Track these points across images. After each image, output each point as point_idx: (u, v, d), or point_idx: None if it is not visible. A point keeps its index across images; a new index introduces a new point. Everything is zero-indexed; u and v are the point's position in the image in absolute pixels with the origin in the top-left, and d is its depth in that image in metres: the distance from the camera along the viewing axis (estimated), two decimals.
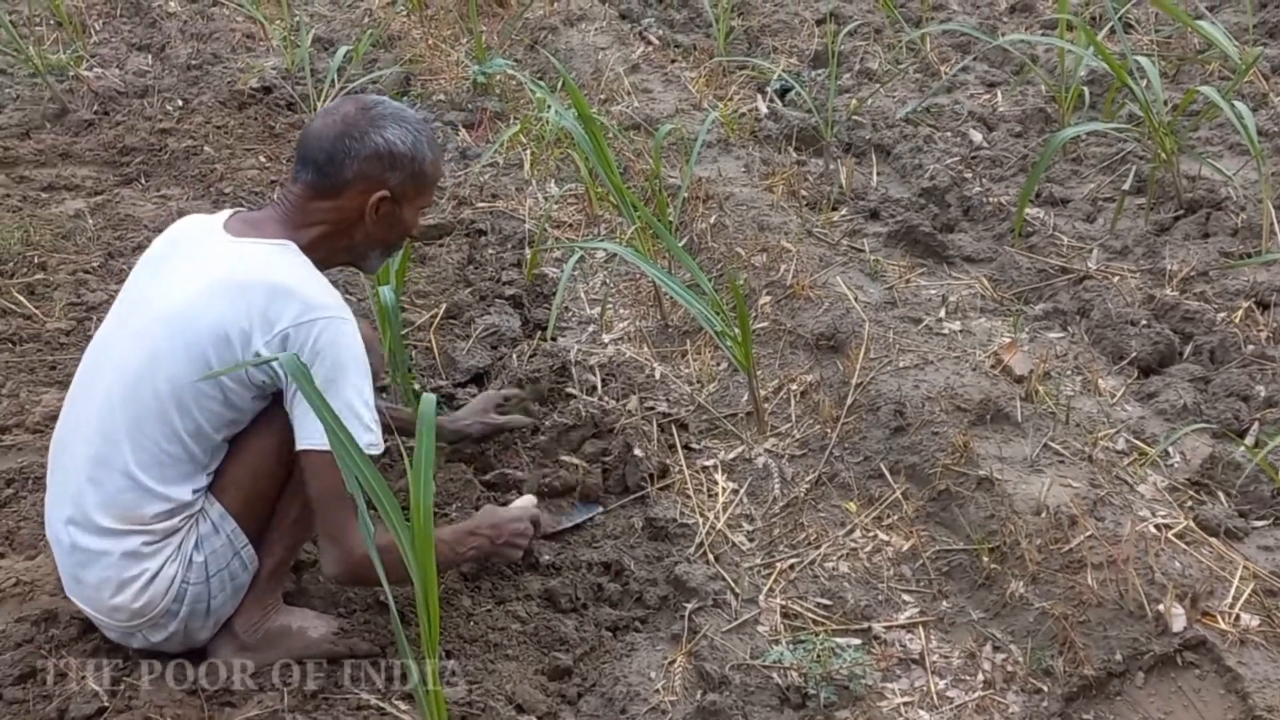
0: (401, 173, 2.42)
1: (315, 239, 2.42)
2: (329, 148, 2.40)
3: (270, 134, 5.08)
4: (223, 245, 2.38)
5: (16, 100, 5.33)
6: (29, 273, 4.00)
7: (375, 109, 2.44)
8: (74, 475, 2.34)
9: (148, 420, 2.29)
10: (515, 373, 3.36)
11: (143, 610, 2.33)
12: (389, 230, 2.49)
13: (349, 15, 6.37)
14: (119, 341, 2.39)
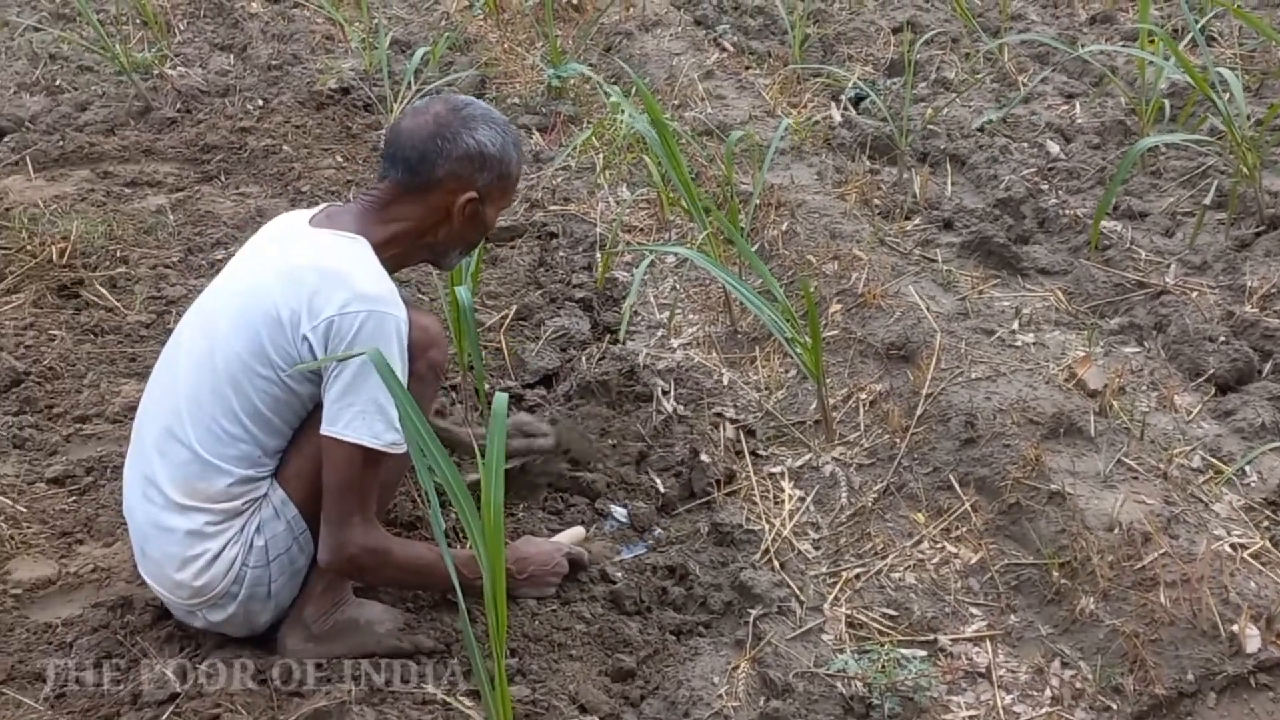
0: (490, 174, 2.45)
1: (394, 235, 2.45)
2: (421, 147, 2.42)
3: (347, 134, 5.15)
4: (298, 235, 2.45)
5: (103, 97, 5.45)
6: (111, 266, 4.09)
7: (466, 109, 2.47)
8: (147, 448, 2.42)
9: (206, 397, 2.35)
10: (584, 375, 3.38)
11: (203, 589, 2.39)
12: (472, 230, 2.52)
13: (426, 18, 6.43)
14: (193, 322, 2.49)
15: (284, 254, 2.40)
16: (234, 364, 2.33)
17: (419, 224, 2.46)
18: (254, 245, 2.56)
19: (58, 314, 3.85)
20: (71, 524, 2.96)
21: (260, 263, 2.44)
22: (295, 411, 2.39)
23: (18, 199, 4.53)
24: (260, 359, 2.32)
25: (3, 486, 3.03)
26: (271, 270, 2.37)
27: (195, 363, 2.38)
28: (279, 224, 2.58)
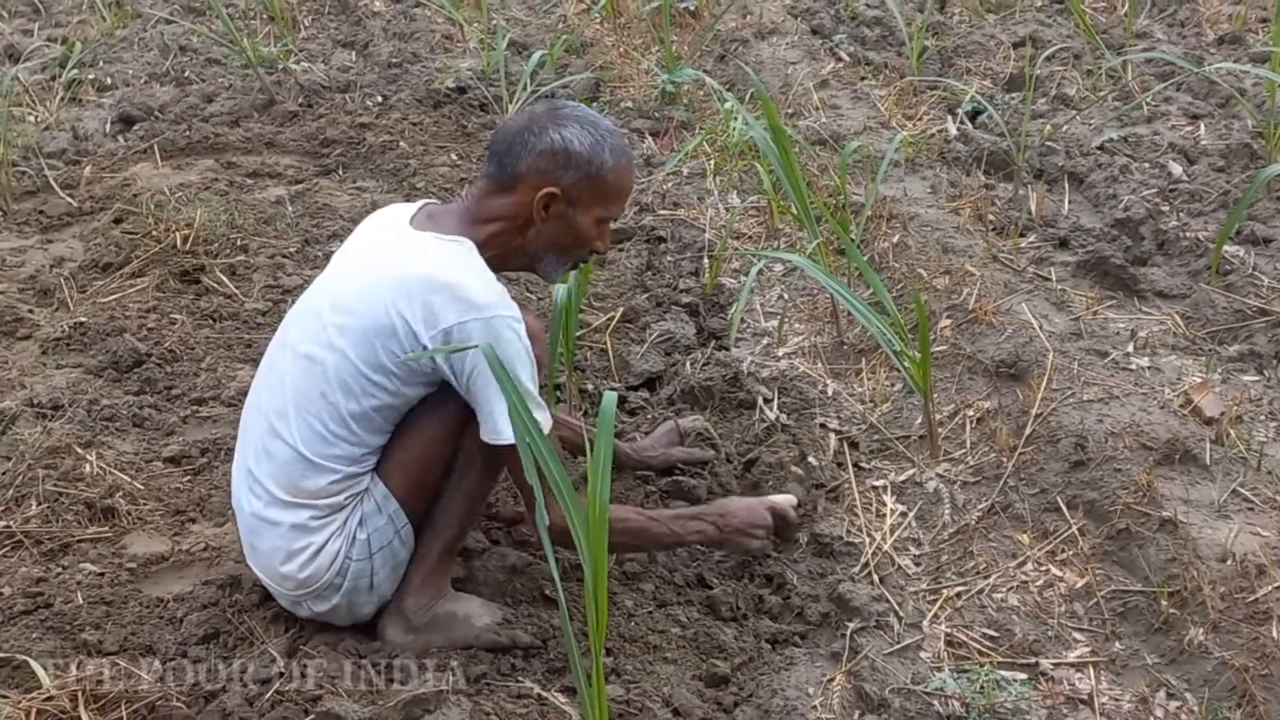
0: (575, 172, 2.41)
1: (490, 235, 2.45)
2: (509, 141, 2.44)
3: (463, 133, 5.22)
4: (402, 237, 2.46)
5: (229, 90, 5.59)
6: (231, 254, 4.20)
7: (563, 110, 2.47)
8: (253, 445, 2.48)
9: (314, 400, 2.39)
10: (688, 380, 3.39)
11: (308, 581, 2.44)
12: (561, 233, 2.47)
13: (544, 20, 6.50)
14: (300, 320, 2.52)
15: (394, 260, 2.40)
16: (346, 370, 2.36)
17: (509, 224, 2.45)
18: (357, 245, 2.59)
19: (179, 298, 3.97)
20: (185, 503, 3.05)
21: (370, 267, 2.45)
22: (399, 411, 2.44)
23: (145, 185, 4.67)
24: (373, 366, 2.35)
25: (122, 464, 3.12)
26: (385, 278, 2.37)
27: (303, 366, 2.42)
28: (380, 222, 2.60)
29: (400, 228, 2.47)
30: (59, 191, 4.66)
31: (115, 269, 4.11)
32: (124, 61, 5.99)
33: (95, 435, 3.23)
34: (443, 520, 2.50)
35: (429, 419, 2.42)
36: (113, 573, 2.77)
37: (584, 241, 2.50)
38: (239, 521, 2.54)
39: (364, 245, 2.56)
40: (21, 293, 4.02)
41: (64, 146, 5.07)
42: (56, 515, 2.93)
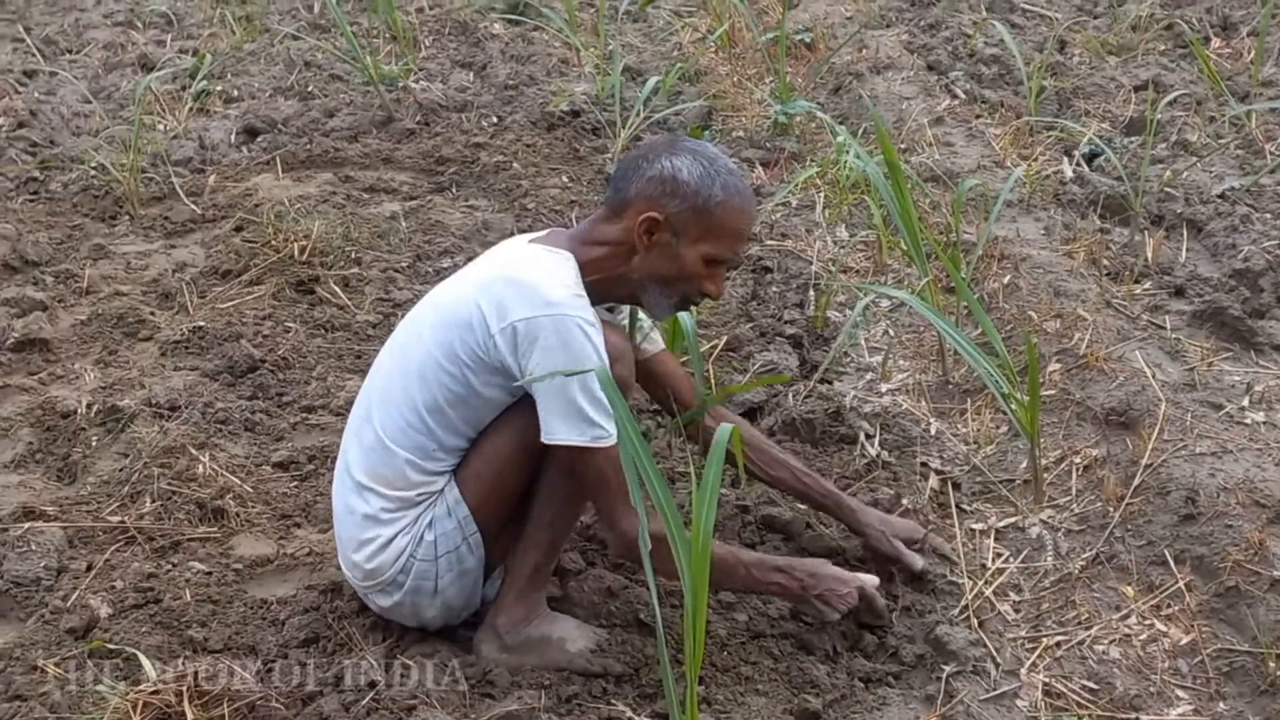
0: (681, 202, 2.40)
1: (596, 259, 2.47)
2: (625, 167, 2.48)
3: (575, 156, 5.28)
4: (511, 249, 2.55)
5: (349, 105, 5.72)
6: (345, 266, 4.29)
7: (682, 142, 2.49)
8: (350, 433, 2.58)
9: (397, 388, 2.47)
10: (789, 412, 3.38)
11: (373, 573, 2.50)
12: (664, 264, 2.45)
13: (660, 48, 6.55)
14: (404, 325, 2.63)
15: (490, 265, 2.50)
16: (426, 361, 2.43)
17: (615, 249, 2.46)
18: (475, 260, 2.67)
19: (294, 307, 4.06)
20: (292, 508, 3.12)
21: (470, 273, 2.54)
22: (476, 412, 2.46)
23: (266, 196, 4.80)
24: (449, 357, 2.40)
25: (233, 466, 3.21)
26: (474, 279, 2.46)
27: (395, 358, 2.53)
28: (504, 242, 2.68)
29: (517, 243, 2.57)
30: (184, 198, 4.80)
31: (234, 276, 4.23)
32: (251, 75, 6.17)
33: (209, 437, 3.32)
34: (533, 539, 2.52)
35: (509, 431, 2.45)
36: (220, 572, 2.84)
37: (688, 276, 2.47)
38: (333, 511, 2.62)
39: (479, 260, 2.64)
40: (144, 295, 4.15)
41: (191, 155, 5.22)
42: (169, 513, 3.02)
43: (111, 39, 6.59)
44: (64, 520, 2.99)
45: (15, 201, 4.78)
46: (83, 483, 3.18)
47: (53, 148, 5.27)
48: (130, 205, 4.75)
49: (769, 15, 6.80)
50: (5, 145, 5.20)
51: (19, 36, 6.59)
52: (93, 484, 3.15)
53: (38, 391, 3.60)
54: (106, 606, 2.68)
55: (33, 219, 4.64)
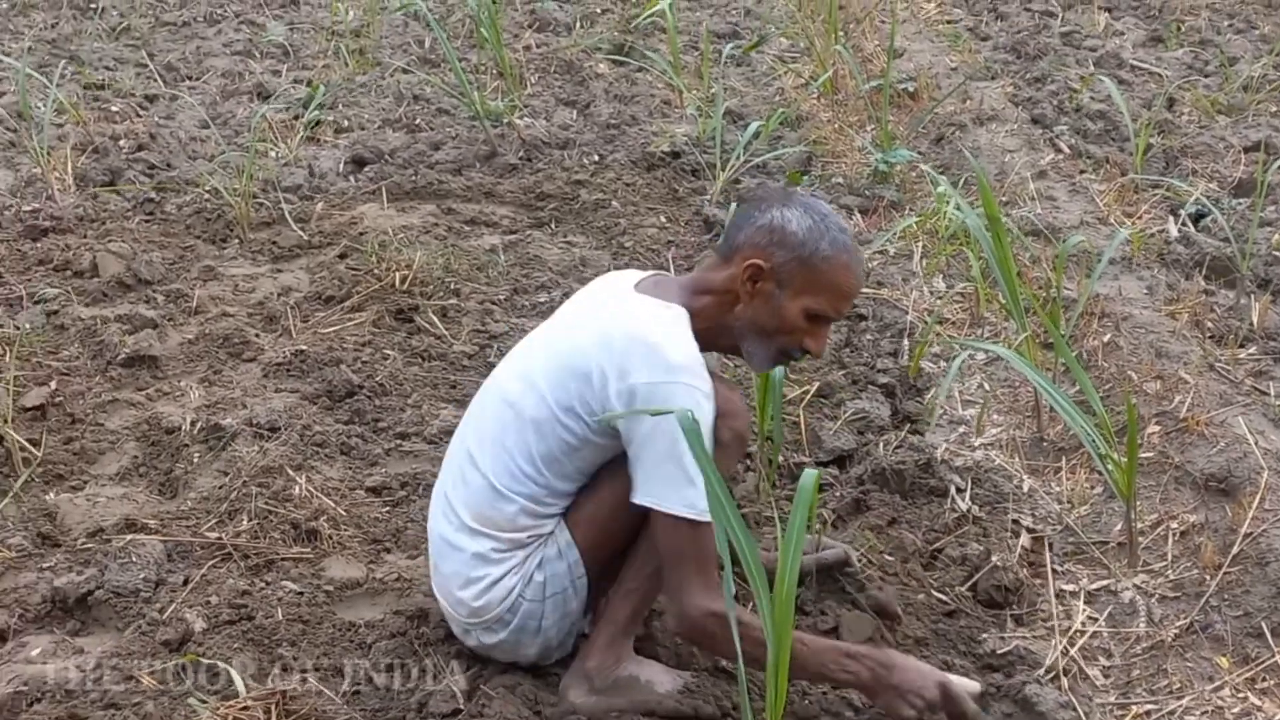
0: (787, 252, 2.41)
1: (703, 307, 2.49)
2: (738, 215, 2.52)
3: (673, 196, 5.32)
4: (622, 296, 2.53)
5: (455, 139, 5.83)
6: (444, 297, 4.36)
7: (796, 195, 2.52)
8: (452, 470, 2.58)
9: (510, 435, 2.47)
10: (879, 461, 3.36)
11: (480, 610, 2.51)
12: (766, 314, 2.46)
13: (762, 92, 6.59)
14: (511, 365, 2.62)
15: (605, 316, 2.48)
16: (541, 411, 2.44)
17: (721, 297, 2.48)
18: (580, 300, 2.68)
19: (393, 335, 4.14)
20: (383, 533, 3.17)
21: (583, 321, 2.54)
22: (589, 460, 2.49)
23: (371, 225, 4.90)
24: (566, 411, 2.42)
25: (328, 488, 3.27)
26: (592, 330, 2.45)
27: (507, 403, 2.51)
28: (607, 282, 2.69)
29: (624, 289, 2.55)
30: (292, 224, 4.92)
31: (337, 302, 4.32)
32: (361, 106, 6.31)
33: (306, 459, 3.39)
34: (631, 587, 2.53)
35: (624, 477, 2.44)
36: (311, 593, 2.90)
37: (788, 329, 2.47)
38: (430, 542, 2.64)
39: (587, 299, 2.65)
40: (250, 317, 4.25)
41: (300, 182, 5.36)
42: (265, 532, 3.08)
43: (230, 67, 6.80)
44: (164, 534, 3.07)
45: (132, 221, 4.94)
46: (183, 498, 3.26)
47: (169, 170, 5.44)
48: (240, 229, 4.88)
49: (873, 63, 6.81)
50: (125, 166, 5.38)
51: (142, 62, 6.82)
52: (193, 500, 3.23)
53: (145, 407, 3.70)
54: (201, 621, 2.75)
55: (147, 239, 4.78)
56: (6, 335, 3.97)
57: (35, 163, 5.23)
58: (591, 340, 2.42)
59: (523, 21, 7.57)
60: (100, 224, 4.89)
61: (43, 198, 5.09)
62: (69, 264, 4.55)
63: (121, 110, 6.11)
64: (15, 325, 4.06)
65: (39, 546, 3.07)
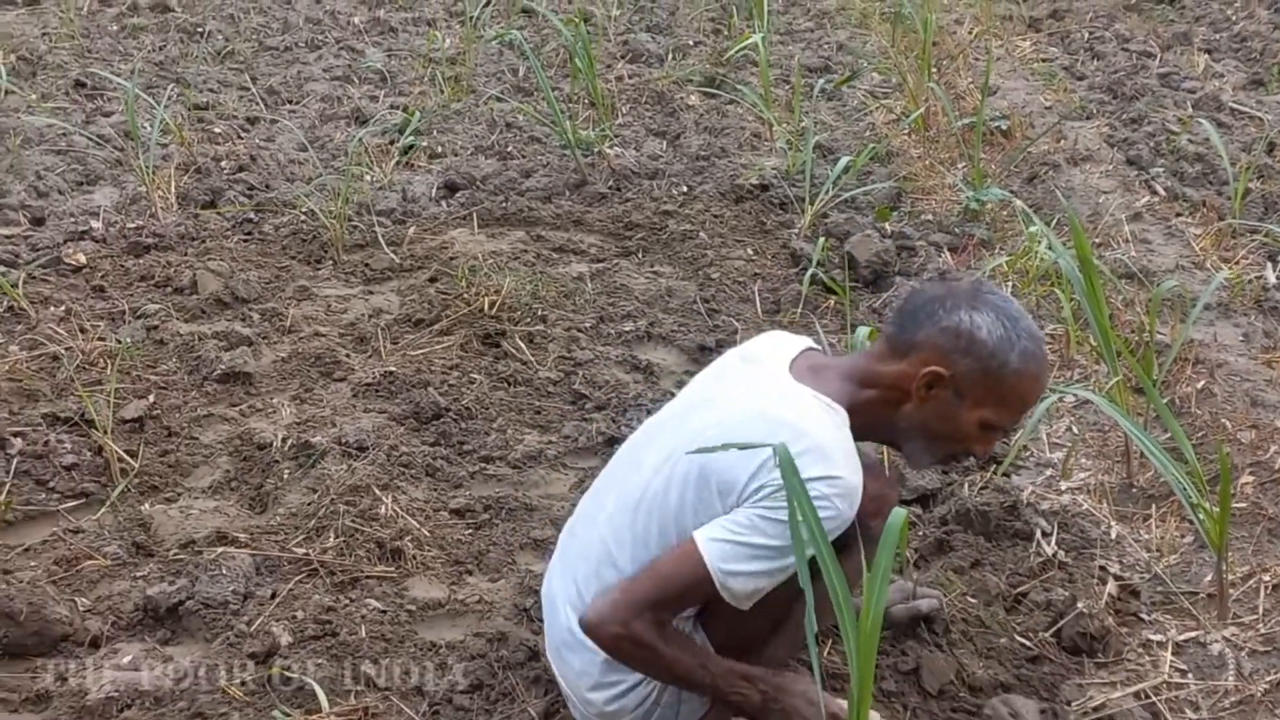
0: (972, 361, 2.23)
1: (866, 402, 2.31)
2: (918, 306, 2.31)
3: (761, 229, 5.33)
4: (780, 386, 2.34)
5: (545, 167, 5.90)
6: (531, 323, 4.41)
7: (986, 295, 2.30)
8: (584, 560, 2.41)
9: (653, 536, 2.31)
10: (964, 502, 3.33)
11: (610, 715, 2.40)
12: (938, 420, 2.29)
13: (852, 127, 6.58)
14: (656, 442, 2.43)
15: (755, 401, 2.31)
16: (682, 514, 2.28)
17: (887, 394, 2.30)
18: (730, 378, 2.48)
19: (480, 359, 4.19)
20: (465, 555, 3.21)
21: (727, 400, 2.37)
22: None
23: (461, 250, 4.97)
24: (709, 516, 2.26)
25: (413, 509, 3.32)
26: (737, 418, 2.29)
27: (647, 495, 2.34)
28: (758, 349, 2.50)
29: (779, 374, 2.37)
30: (384, 247, 5.01)
31: (426, 325, 4.39)
32: (455, 133, 6.41)
33: (392, 479, 3.44)
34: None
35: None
36: (394, 612, 2.94)
37: (960, 438, 2.32)
38: (551, 623, 2.49)
39: (737, 378, 2.45)
40: (341, 338, 4.33)
41: (394, 206, 5.45)
42: (350, 550, 3.14)
43: (329, 92, 6.94)
44: (253, 548, 3.14)
45: (231, 240, 5.06)
46: (273, 513, 3.33)
47: (268, 192, 5.57)
48: (335, 251, 4.97)
49: (965, 100, 6.77)
50: (225, 187, 5.52)
51: (245, 85, 6.99)
52: (282, 515, 3.29)
53: (238, 422, 3.79)
54: (287, 635, 2.80)
55: (245, 258, 4.90)
56: (109, 348, 4.09)
57: (141, 181, 5.39)
58: (740, 436, 2.18)
59: (616, 52, 7.65)
60: (200, 242, 5.02)
61: (146, 215, 5.24)
62: (170, 280, 4.67)
63: (224, 132, 6.28)
64: (117, 339, 4.18)
65: (133, 556, 3.16)
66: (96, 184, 5.62)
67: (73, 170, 5.71)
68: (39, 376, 3.95)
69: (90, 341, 4.17)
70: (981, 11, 8.34)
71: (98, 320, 4.35)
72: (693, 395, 2.52)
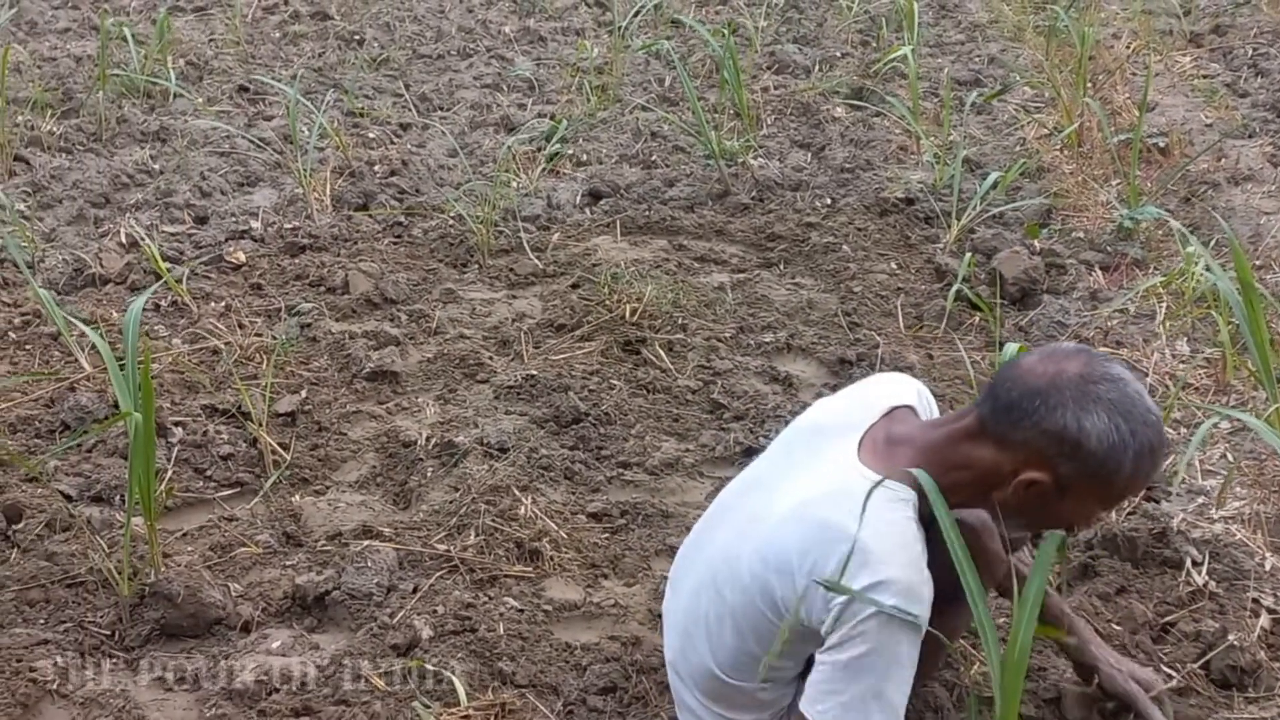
0: (1079, 468, 2.07)
1: (954, 483, 2.14)
2: (1018, 396, 2.10)
3: (905, 243, 5.27)
4: (845, 464, 2.23)
5: (689, 177, 5.93)
6: (671, 331, 4.43)
7: (1098, 385, 2.07)
8: (675, 623, 2.46)
9: (724, 617, 2.29)
10: (1110, 528, 3.25)
11: None
12: (1034, 511, 2.17)
13: (1003, 142, 6.46)
14: (732, 513, 2.42)
15: (820, 486, 2.21)
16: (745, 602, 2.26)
17: (981, 477, 2.14)
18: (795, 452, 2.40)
19: (620, 365, 4.23)
20: (601, 558, 3.24)
21: (792, 483, 2.29)
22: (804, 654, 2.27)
23: (603, 257, 5.03)
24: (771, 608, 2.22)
25: (551, 511, 3.36)
26: (800, 506, 2.21)
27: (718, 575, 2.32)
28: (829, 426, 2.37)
29: (848, 447, 2.25)
30: (529, 253, 5.09)
31: (568, 330, 4.45)
32: (600, 141, 6.48)
33: (531, 480, 3.50)
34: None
35: None
36: (530, 611, 2.99)
37: (1059, 524, 2.20)
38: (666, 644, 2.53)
39: (797, 465, 2.35)
40: (485, 340, 4.42)
41: (538, 212, 5.53)
42: (490, 548, 3.20)
43: (479, 99, 7.08)
44: (397, 543, 3.22)
45: (381, 243, 5.19)
46: (416, 509, 3.41)
47: (418, 196, 5.70)
48: (481, 255, 5.07)
49: (1121, 116, 6.60)
50: (378, 190, 5.66)
51: (399, 92, 7.16)
52: (425, 512, 3.37)
53: (384, 420, 3.89)
54: (428, 629, 2.87)
55: (395, 260, 5.02)
56: (265, 344, 4.24)
57: (298, 184, 5.57)
58: (801, 528, 2.16)
59: (762, 63, 7.64)
60: (353, 244, 5.17)
61: (303, 217, 5.41)
62: (323, 280, 4.81)
63: (377, 137, 6.44)
64: (273, 335, 4.32)
65: (283, 545, 3.26)
66: (256, 185, 5.82)
67: (235, 172, 5.92)
68: (200, 369, 4.11)
69: (248, 337, 4.32)
70: (1140, 26, 8.12)
71: (255, 316, 4.51)
72: (760, 469, 2.45)
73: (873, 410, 2.31)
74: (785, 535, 2.17)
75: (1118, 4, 8.37)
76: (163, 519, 3.34)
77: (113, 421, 3.64)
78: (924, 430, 2.25)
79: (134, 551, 3.13)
